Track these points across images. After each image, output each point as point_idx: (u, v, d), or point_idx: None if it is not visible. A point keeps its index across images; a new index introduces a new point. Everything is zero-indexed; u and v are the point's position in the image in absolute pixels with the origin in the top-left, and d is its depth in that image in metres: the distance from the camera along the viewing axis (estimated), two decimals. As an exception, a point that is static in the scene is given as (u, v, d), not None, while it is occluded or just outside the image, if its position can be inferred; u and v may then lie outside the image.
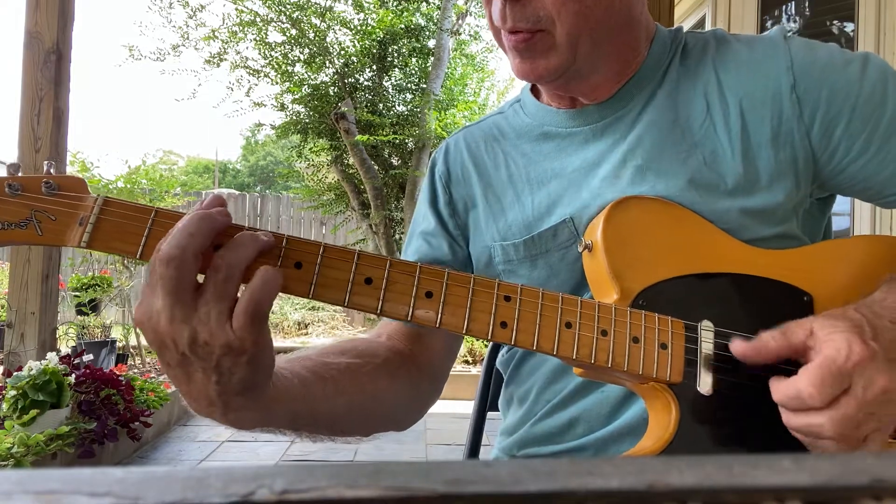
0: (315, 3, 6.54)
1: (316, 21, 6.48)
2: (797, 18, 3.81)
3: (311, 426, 0.72)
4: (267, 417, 0.64)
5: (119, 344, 4.98)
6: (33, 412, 2.66)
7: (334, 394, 0.71)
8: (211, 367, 0.56)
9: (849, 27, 3.47)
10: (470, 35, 7.29)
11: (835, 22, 3.59)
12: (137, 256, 0.59)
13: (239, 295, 0.56)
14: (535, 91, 0.91)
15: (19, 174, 0.60)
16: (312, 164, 7.05)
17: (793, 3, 3.77)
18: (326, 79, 6.65)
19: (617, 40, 0.78)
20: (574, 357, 0.64)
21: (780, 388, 0.60)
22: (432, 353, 0.88)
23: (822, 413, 0.57)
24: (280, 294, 0.60)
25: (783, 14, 3.82)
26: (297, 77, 6.62)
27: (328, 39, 6.56)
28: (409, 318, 0.62)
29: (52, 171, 0.61)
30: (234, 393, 0.58)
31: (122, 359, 4.83)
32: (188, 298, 0.54)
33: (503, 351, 0.94)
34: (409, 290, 0.62)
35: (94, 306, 5.13)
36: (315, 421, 0.72)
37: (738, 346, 0.63)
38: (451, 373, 0.91)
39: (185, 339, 0.55)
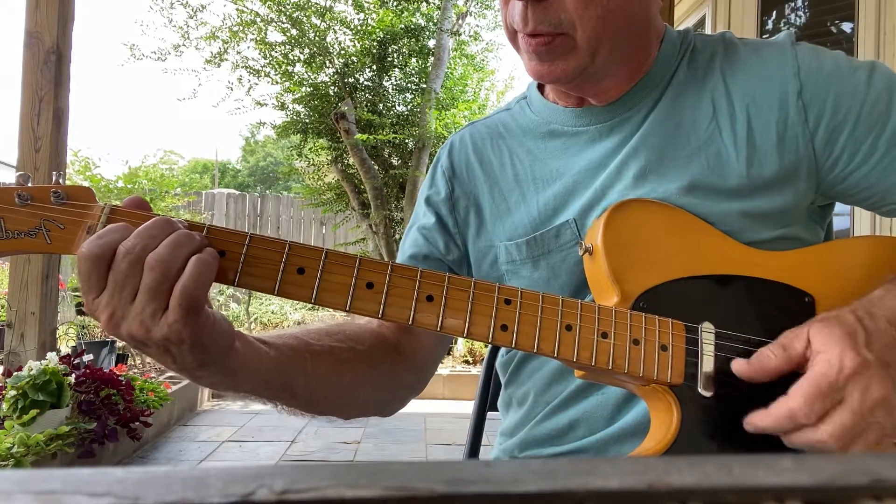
0: (315, 3, 6.54)
1: (316, 21, 6.47)
2: (797, 18, 3.81)
3: (286, 399, 0.74)
4: (235, 383, 0.66)
5: (119, 344, 4.98)
6: (33, 412, 2.66)
7: (311, 373, 0.73)
8: (161, 352, 0.59)
9: (849, 27, 3.47)
10: (470, 35, 7.29)
11: (835, 22, 3.59)
12: None
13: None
14: (540, 87, 0.90)
15: (29, 184, 0.62)
16: (312, 164, 7.05)
17: (793, 2, 3.77)
18: (326, 79, 6.65)
19: (633, 43, 0.78)
20: (575, 359, 0.64)
21: (772, 414, 0.59)
22: (420, 347, 0.87)
23: (818, 429, 0.57)
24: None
25: (783, 14, 3.82)
26: (297, 77, 6.62)
27: (328, 39, 6.56)
28: (410, 322, 0.62)
29: (60, 180, 0.63)
30: (193, 368, 0.61)
31: (122, 359, 4.83)
32: (122, 297, 0.56)
33: (502, 352, 0.94)
34: (411, 295, 0.63)
35: (94, 306, 5.11)
36: (290, 394, 0.73)
37: (739, 367, 0.63)
38: (450, 373, 0.92)
39: (123, 334, 0.57)
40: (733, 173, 0.74)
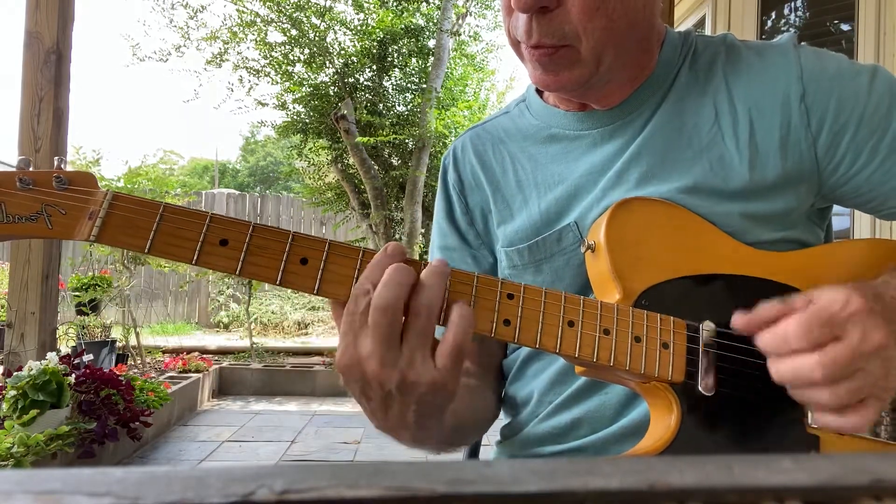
0: (315, 3, 6.54)
1: (316, 21, 6.47)
2: (797, 18, 3.81)
3: (453, 434, 0.77)
4: (441, 425, 0.68)
5: (119, 344, 4.99)
6: (33, 412, 2.66)
7: (464, 402, 0.78)
8: (412, 402, 0.59)
9: (848, 28, 3.47)
10: (470, 35, 7.29)
11: (834, 22, 3.59)
12: (146, 251, 0.59)
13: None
14: (539, 90, 0.90)
15: (30, 168, 0.61)
16: (313, 164, 7.06)
17: (793, 2, 3.77)
18: (326, 79, 6.64)
19: (636, 49, 0.78)
20: (576, 355, 0.64)
21: (767, 333, 0.58)
22: (494, 356, 0.92)
23: (810, 355, 0.55)
24: (282, 291, 0.61)
25: (783, 14, 3.82)
26: (297, 77, 6.62)
27: (328, 39, 6.55)
28: None
29: (62, 166, 0.62)
30: (429, 416, 0.62)
31: (122, 359, 4.83)
32: (396, 344, 0.57)
33: (507, 351, 0.94)
34: None
35: (94, 306, 5.13)
36: (457, 428, 0.77)
37: (738, 320, 0.61)
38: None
39: (394, 381, 0.57)
40: (736, 176, 0.74)
